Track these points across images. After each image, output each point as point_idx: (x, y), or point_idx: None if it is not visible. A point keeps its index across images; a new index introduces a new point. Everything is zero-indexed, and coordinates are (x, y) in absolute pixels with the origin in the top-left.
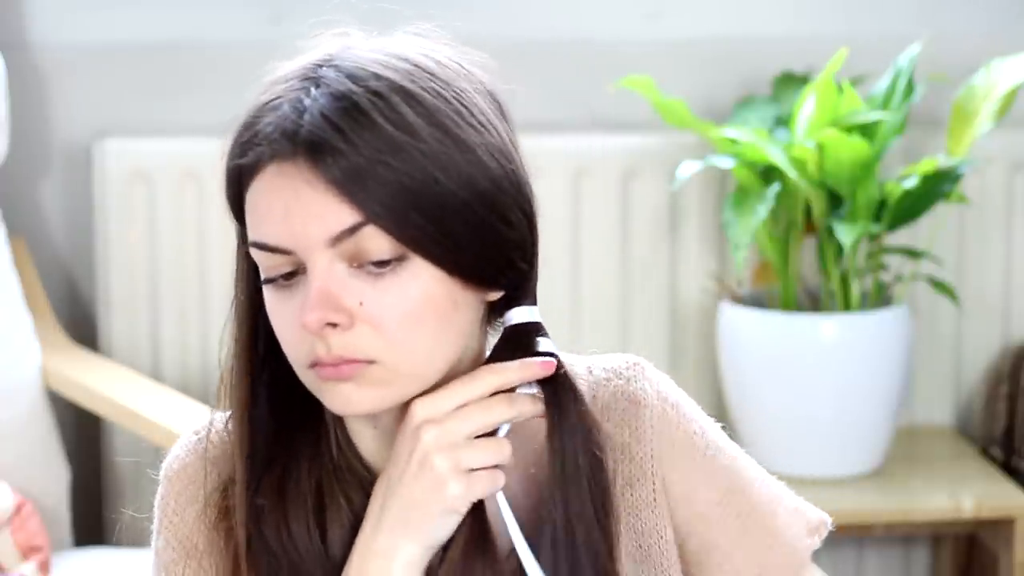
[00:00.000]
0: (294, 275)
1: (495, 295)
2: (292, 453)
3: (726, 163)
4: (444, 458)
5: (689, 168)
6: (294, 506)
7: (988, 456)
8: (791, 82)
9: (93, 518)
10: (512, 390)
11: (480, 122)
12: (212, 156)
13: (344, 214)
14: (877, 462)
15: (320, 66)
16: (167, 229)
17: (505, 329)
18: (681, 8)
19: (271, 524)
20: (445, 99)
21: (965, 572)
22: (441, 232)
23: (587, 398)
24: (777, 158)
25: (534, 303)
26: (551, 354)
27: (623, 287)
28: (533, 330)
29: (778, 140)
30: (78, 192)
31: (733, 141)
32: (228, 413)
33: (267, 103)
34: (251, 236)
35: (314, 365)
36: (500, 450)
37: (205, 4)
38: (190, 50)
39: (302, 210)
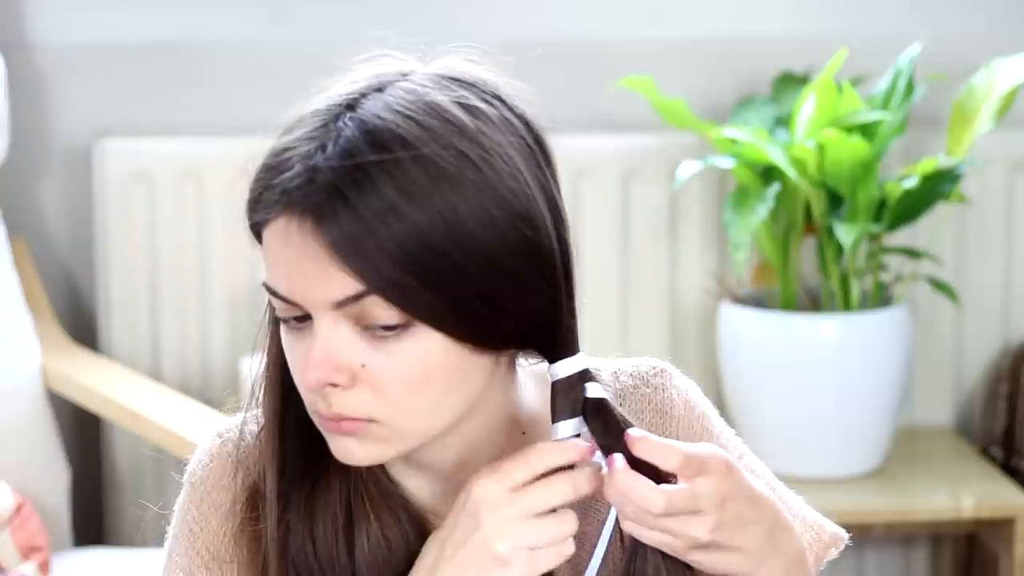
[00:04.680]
0: (305, 319)
1: (514, 351)
2: (323, 467)
3: (726, 163)
4: (504, 542)
5: (689, 168)
6: (322, 523)
7: (988, 456)
8: (791, 82)
9: (93, 518)
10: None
11: (509, 187)
12: (212, 156)
13: (346, 282)
14: (877, 462)
15: (342, 112)
16: (167, 229)
17: (552, 385)
18: (681, 8)
19: (298, 540)
20: (469, 161)
21: (965, 572)
22: (447, 303)
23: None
24: (777, 158)
25: (576, 351)
26: (600, 401)
27: (623, 287)
28: (577, 381)
29: (778, 140)
30: (78, 192)
31: (733, 141)
32: (251, 415)
33: (284, 152)
34: (265, 277)
35: (316, 413)
36: (563, 525)
37: (205, 4)
38: (190, 50)
39: (305, 274)
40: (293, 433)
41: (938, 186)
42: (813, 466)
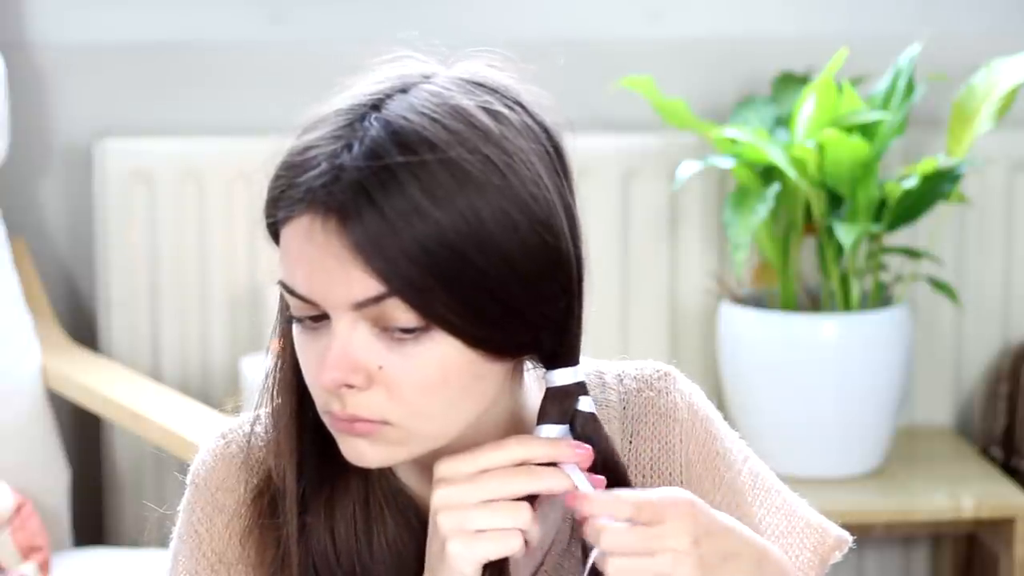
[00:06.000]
0: (321, 319)
1: (527, 357)
2: (340, 468)
3: (726, 163)
4: (447, 517)
5: (689, 168)
6: (343, 524)
7: (988, 456)
8: (791, 82)
9: (93, 518)
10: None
11: (531, 192)
12: (212, 156)
13: (367, 283)
14: (877, 462)
15: (368, 112)
16: (167, 229)
17: (547, 390)
18: (681, 8)
19: (320, 542)
20: (493, 165)
21: (965, 572)
22: (467, 308)
23: (618, 409)
24: (777, 158)
25: (576, 362)
26: (592, 416)
27: (623, 287)
28: (574, 391)
29: (778, 140)
30: (78, 192)
31: (733, 141)
32: (255, 416)
33: (308, 151)
34: (281, 275)
35: (329, 414)
36: (512, 517)
37: (205, 4)
38: (190, 50)
39: (326, 273)
40: (311, 433)
41: (938, 186)
42: (813, 466)
